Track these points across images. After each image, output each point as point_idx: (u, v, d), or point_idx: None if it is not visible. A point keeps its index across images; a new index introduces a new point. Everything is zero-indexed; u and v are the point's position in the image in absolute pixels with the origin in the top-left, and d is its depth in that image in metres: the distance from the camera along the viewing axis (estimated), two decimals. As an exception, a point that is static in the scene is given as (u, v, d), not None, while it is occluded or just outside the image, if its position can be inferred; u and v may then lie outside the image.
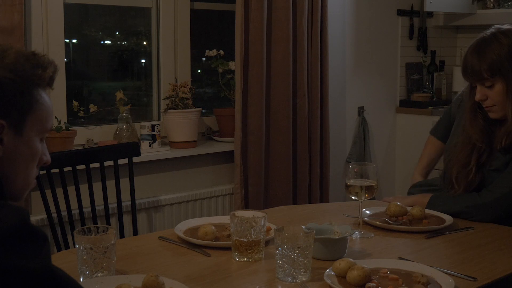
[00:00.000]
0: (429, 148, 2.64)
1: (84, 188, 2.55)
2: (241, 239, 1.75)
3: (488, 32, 2.19)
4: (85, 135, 3.06)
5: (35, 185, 1.36)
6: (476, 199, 2.19)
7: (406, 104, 4.33)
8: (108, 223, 2.60)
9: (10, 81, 1.22)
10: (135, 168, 2.79)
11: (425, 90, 4.40)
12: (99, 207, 2.66)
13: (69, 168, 2.50)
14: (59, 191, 2.45)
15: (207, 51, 3.44)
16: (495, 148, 2.22)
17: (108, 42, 3.44)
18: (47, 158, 1.34)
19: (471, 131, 2.26)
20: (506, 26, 2.20)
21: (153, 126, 3.14)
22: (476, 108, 2.25)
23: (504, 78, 2.11)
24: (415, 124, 4.23)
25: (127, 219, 2.89)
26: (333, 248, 1.77)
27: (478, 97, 2.18)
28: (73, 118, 3.06)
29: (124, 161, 2.65)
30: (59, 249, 2.44)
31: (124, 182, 2.69)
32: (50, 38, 2.89)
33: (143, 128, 3.14)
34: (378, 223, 2.09)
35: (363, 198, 2.01)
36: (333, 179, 3.79)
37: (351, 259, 1.61)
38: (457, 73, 4.33)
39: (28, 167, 1.29)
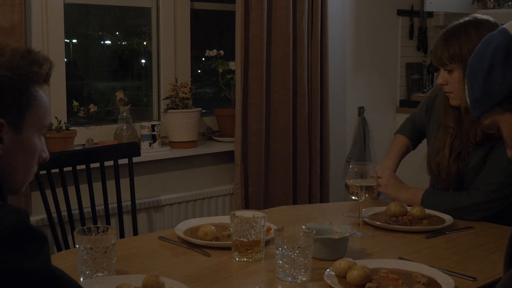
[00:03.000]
0: (395, 144, 2.62)
1: (84, 188, 2.55)
2: (241, 239, 1.75)
3: (462, 20, 2.22)
4: (85, 135, 3.06)
5: (35, 183, 1.36)
6: (466, 199, 2.21)
7: (406, 104, 4.33)
8: (108, 223, 2.60)
9: (8, 79, 1.22)
10: (135, 168, 2.79)
11: (425, 90, 4.40)
12: (99, 207, 2.66)
13: (69, 168, 2.50)
14: (59, 191, 2.45)
15: (207, 51, 3.43)
16: (468, 138, 2.24)
17: (108, 42, 3.44)
18: (46, 154, 1.34)
19: (444, 118, 2.30)
20: (482, 17, 2.22)
21: (153, 126, 3.14)
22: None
23: (462, 68, 2.15)
24: (415, 124, 4.22)
25: (127, 219, 2.89)
26: (333, 248, 1.76)
27: (439, 81, 2.24)
28: (73, 118, 3.06)
29: (124, 161, 2.65)
30: (59, 249, 2.44)
31: (124, 182, 2.69)
32: (50, 38, 2.89)
33: (143, 128, 3.14)
34: (378, 223, 2.09)
35: (363, 198, 2.01)
36: (333, 179, 3.79)
37: (351, 259, 1.61)
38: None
39: (28, 164, 1.30)
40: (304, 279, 1.62)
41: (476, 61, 1.32)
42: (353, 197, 2.02)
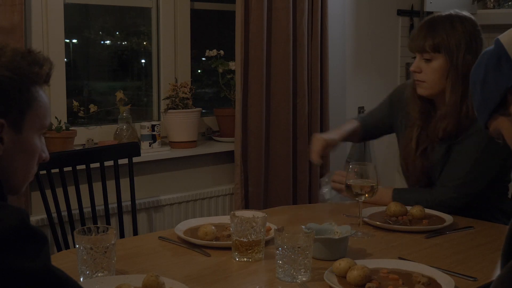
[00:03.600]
0: (347, 125, 2.57)
1: (84, 188, 2.55)
2: (241, 239, 1.75)
3: (447, 13, 2.20)
4: (85, 135, 3.06)
5: (35, 183, 1.36)
6: (433, 195, 2.23)
7: (406, 104, 4.33)
8: (108, 223, 2.60)
9: (8, 79, 1.22)
10: (135, 168, 2.79)
11: (425, 90, 4.40)
12: (99, 207, 2.66)
13: (69, 168, 2.51)
14: (59, 191, 2.45)
15: (207, 51, 3.44)
16: (434, 133, 2.23)
17: (108, 42, 3.44)
18: (46, 155, 1.35)
19: (411, 110, 2.29)
20: (463, 13, 2.21)
21: (153, 126, 3.14)
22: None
23: (446, 59, 2.14)
24: (415, 124, 4.22)
25: (127, 219, 2.89)
26: (333, 248, 1.77)
27: (413, 67, 2.21)
28: (73, 118, 3.06)
29: (124, 161, 2.65)
30: (59, 249, 2.44)
31: (124, 182, 2.69)
32: (50, 38, 2.89)
33: (143, 128, 3.14)
34: (378, 223, 2.09)
35: (363, 198, 2.01)
36: (333, 179, 3.79)
37: (351, 259, 1.61)
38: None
39: (28, 164, 1.30)
40: (304, 279, 1.62)
41: (474, 72, 1.37)
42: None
